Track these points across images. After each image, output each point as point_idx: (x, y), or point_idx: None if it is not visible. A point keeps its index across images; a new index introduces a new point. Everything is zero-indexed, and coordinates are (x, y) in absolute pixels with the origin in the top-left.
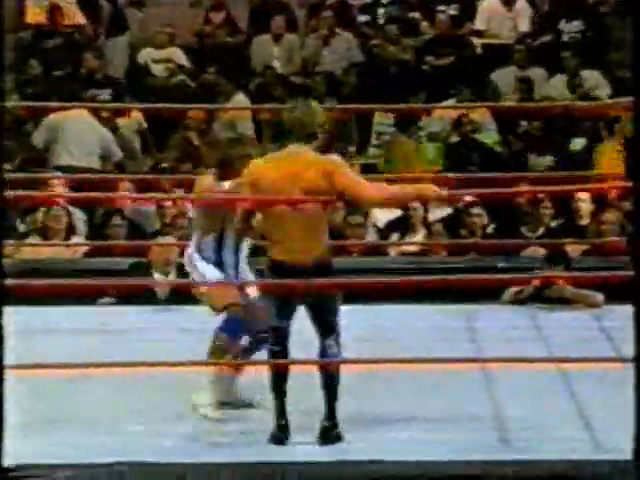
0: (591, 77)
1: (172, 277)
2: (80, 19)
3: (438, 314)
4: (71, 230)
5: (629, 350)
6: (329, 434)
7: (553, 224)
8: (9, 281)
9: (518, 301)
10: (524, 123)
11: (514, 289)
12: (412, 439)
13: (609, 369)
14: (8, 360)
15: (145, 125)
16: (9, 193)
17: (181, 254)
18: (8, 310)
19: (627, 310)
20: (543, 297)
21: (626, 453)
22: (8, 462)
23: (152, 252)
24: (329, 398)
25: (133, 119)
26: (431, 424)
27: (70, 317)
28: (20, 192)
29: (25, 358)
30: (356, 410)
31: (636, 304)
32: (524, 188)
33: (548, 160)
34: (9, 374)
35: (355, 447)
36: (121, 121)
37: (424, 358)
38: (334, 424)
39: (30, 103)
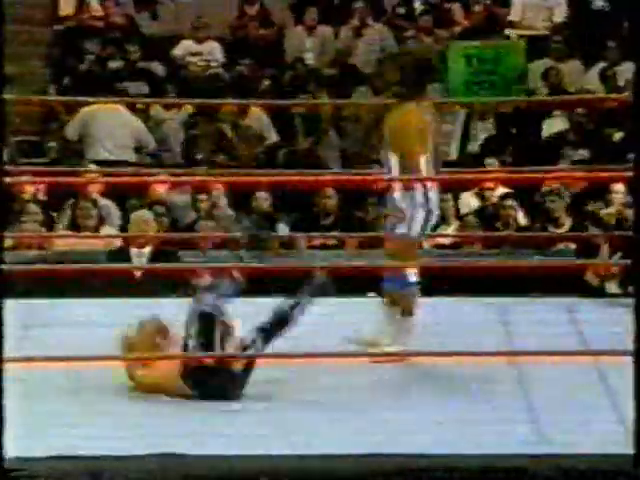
0: (624, 67)
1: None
2: (111, 11)
3: (471, 307)
4: (101, 222)
5: None
6: None
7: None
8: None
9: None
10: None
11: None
12: (443, 431)
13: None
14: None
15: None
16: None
17: None
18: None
19: None
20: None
21: None
22: (14, 454)
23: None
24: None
25: (182, 112)
26: (463, 417)
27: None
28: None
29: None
30: (384, 402)
31: (636, 296)
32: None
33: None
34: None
35: (382, 439)
36: (167, 113)
37: (456, 351)
38: None
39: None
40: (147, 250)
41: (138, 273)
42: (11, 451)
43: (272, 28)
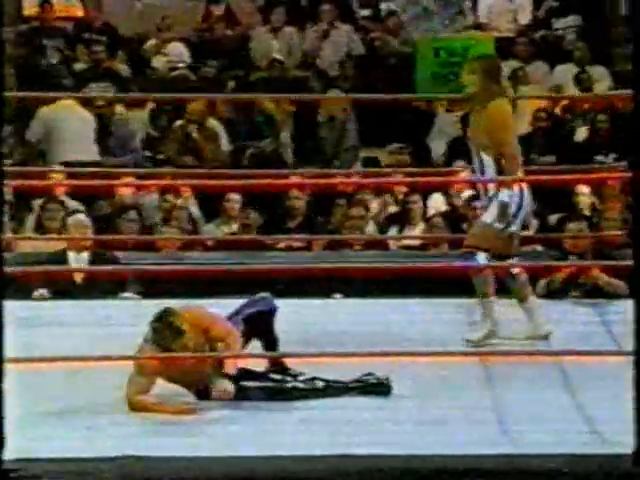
0: (593, 71)
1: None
2: (77, 12)
3: (438, 308)
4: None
5: (629, 343)
6: None
7: (553, 218)
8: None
9: (550, 292)
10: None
11: (544, 281)
12: (410, 432)
13: (609, 362)
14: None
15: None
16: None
17: None
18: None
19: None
20: (575, 286)
21: (626, 447)
22: (10, 456)
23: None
24: None
25: (145, 111)
26: (430, 417)
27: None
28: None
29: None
30: (356, 404)
31: (636, 296)
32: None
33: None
34: (10, 368)
35: (352, 440)
36: (131, 113)
37: (424, 351)
38: None
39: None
40: (85, 254)
41: (79, 277)
42: (11, 451)
43: (238, 28)
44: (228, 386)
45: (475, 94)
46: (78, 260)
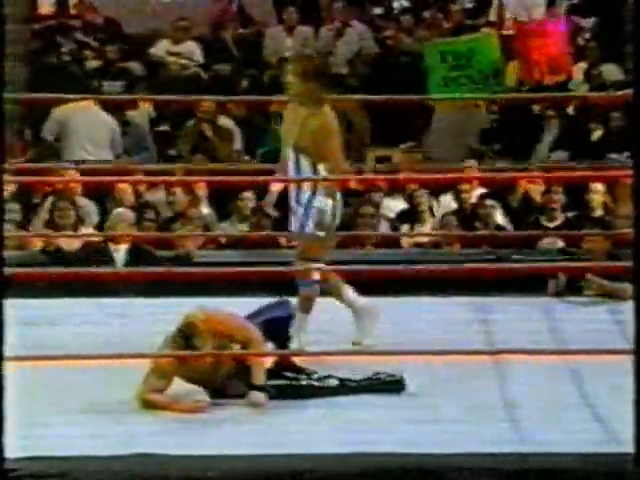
0: (607, 69)
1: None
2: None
3: (451, 306)
4: (80, 221)
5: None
6: None
7: (568, 215)
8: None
9: (557, 293)
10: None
11: (553, 280)
12: (419, 431)
13: (620, 361)
14: (15, 351)
15: (152, 115)
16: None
17: None
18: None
19: None
20: (578, 287)
21: (629, 446)
22: (12, 455)
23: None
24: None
25: (143, 110)
26: (440, 416)
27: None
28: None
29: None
30: (367, 402)
31: (636, 296)
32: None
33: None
34: (13, 366)
35: (357, 438)
36: (131, 112)
37: (436, 350)
38: None
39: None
40: (123, 247)
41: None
42: (11, 451)
43: (252, 27)
44: (261, 398)
45: (298, 96)
46: (117, 252)
